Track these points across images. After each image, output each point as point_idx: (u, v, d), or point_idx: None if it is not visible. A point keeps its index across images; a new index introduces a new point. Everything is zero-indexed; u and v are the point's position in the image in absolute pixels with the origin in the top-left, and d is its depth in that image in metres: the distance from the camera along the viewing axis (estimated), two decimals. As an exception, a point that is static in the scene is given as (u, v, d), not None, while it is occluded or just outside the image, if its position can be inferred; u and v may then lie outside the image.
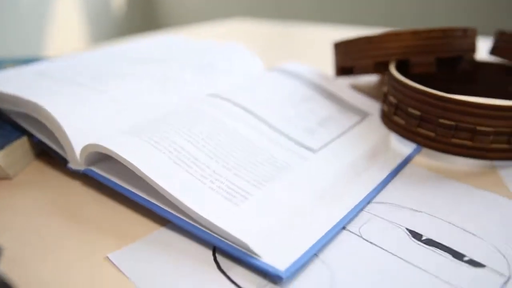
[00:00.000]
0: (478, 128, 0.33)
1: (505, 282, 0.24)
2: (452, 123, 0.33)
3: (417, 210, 0.30)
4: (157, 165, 0.29)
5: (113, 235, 0.28)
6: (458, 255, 0.26)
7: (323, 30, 0.87)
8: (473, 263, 0.25)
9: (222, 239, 0.26)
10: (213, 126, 0.34)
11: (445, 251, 0.26)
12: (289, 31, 0.88)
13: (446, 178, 0.33)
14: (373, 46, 0.41)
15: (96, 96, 0.37)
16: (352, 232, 0.28)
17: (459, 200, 0.31)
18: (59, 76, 0.40)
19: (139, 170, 0.28)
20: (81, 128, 0.34)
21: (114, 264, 0.25)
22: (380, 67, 0.41)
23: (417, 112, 0.35)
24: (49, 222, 0.29)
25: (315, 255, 0.26)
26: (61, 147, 0.34)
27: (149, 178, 0.27)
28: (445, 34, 0.40)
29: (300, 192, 0.29)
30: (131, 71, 0.42)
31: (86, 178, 0.34)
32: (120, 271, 0.25)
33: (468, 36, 0.41)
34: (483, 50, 0.58)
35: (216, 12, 2.26)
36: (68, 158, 0.33)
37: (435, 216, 0.29)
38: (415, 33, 0.39)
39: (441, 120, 0.34)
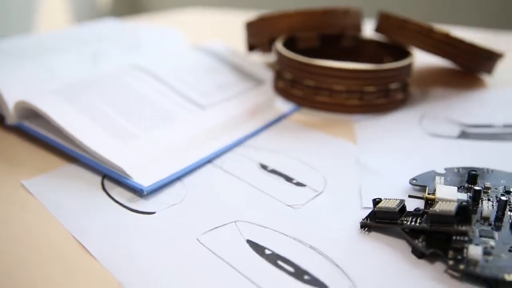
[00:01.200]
0: (334, 87, 0.40)
1: (316, 195, 0.31)
2: (315, 84, 0.41)
3: (277, 152, 0.37)
4: (70, 117, 0.36)
5: (29, 168, 0.35)
6: (289, 179, 0.33)
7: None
8: (299, 184, 0.32)
9: (108, 167, 0.33)
10: (124, 89, 0.41)
11: (281, 177, 0.33)
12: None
13: (310, 129, 0.40)
14: (266, 24, 0.48)
15: (32, 64, 0.44)
16: (216, 165, 0.35)
17: (312, 144, 0.38)
18: (6, 50, 0.47)
19: (53, 120, 0.35)
20: (16, 89, 0.41)
21: (28, 190, 0.32)
22: (273, 44, 0.48)
23: (290, 76, 0.42)
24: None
25: (179, 179, 0.33)
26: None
27: (61, 126, 0.34)
28: (327, 13, 0.46)
29: (180, 136, 0.36)
30: (68, 48, 0.49)
31: (20, 132, 0.41)
32: (32, 195, 0.32)
33: (349, 16, 0.48)
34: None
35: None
36: (4, 114, 0.40)
37: (288, 155, 0.36)
38: (300, 12, 0.46)
39: (306, 82, 0.41)
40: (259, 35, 0.49)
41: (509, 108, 0.43)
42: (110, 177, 0.33)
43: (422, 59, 0.56)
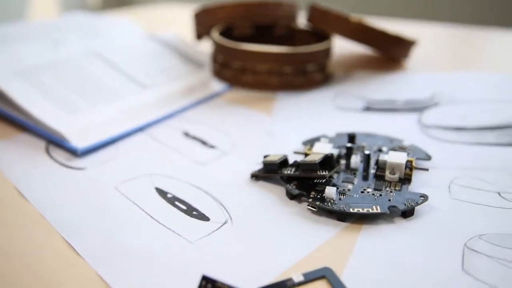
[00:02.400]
0: (257, 68, 0.45)
1: (223, 155, 0.36)
2: (241, 65, 0.46)
3: (202, 123, 0.42)
4: (21, 91, 0.41)
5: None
6: (204, 143, 0.38)
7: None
8: (211, 146, 0.37)
9: (51, 134, 0.38)
10: (76, 70, 0.46)
11: (198, 141, 0.38)
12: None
13: (236, 105, 0.45)
14: (208, 15, 0.53)
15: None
16: (146, 133, 0.40)
17: (233, 117, 0.43)
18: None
19: (5, 93, 0.40)
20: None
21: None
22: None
23: (222, 60, 0.47)
24: None
25: (112, 144, 0.38)
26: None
27: (13, 98, 0.39)
28: (261, 5, 0.52)
29: (119, 110, 0.42)
30: (33, 37, 0.54)
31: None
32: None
33: (282, 8, 0.53)
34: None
35: None
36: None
37: (210, 126, 0.41)
38: (237, 4, 0.51)
39: (234, 64, 0.46)
40: (202, 25, 0.54)
41: (413, 88, 0.49)
42: (53, 142, 0.38)
43: (348, 46, 0.61)
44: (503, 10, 1.39)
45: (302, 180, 0.31)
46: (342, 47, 0.62)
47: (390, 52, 0.52)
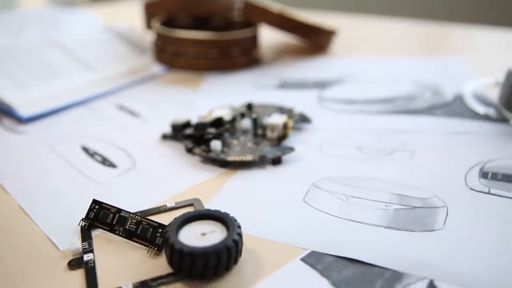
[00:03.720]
0: (187, 52, 0.52)
1: (144, 122, 0.42)
2: (174, 49, 0.52)
3: (135, 98, 0.48)
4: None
5: None
6: (132, 113, 0.44)
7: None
8: (135, 115, 0.44)
9: (1, 105, 0.44)
10: (33, 54, 0.52)
11: (127, 112, 0.45)
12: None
13: (169, 84, 0.52)
14: (153, 6, 0.59)
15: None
16: (86, 107, 0.46)
17: (163, 93, 0.49)
18: None
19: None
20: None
21: None
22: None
23: (160, 45, 0.54)
24: None
25: (55, 114, 0.44)
26: None
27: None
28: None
29: (64, 87, 0.48)
30: (0, 25, 0.60)
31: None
32: None
33: (220, 1, 0.59)
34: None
35: None
36: None
37: (141, 100, 0.47)
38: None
39: (169, 49, 0.52)
40: (149, 15, 0.60)
41: (325, 70, 0.55)
42: (4, 111, 0.45)
43: (280, 36, 0.68)
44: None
45: (198, 137, 0.37)
46: (275, 36, 0.68)
47: (312, 40, 0.59)
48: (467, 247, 0.26)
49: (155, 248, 0.26)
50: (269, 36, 0.66)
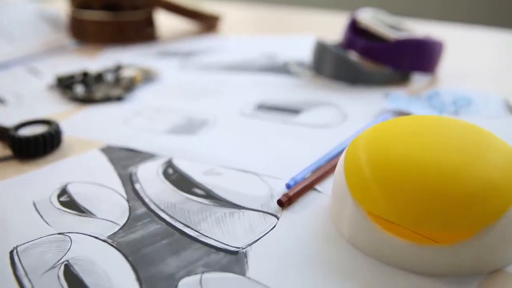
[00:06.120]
0: (90, 28, 0.65)
1: (42, 79, 0.56)
2: (81, 27, 0.66)
3: (42, 63, 0.61)
4: None
5: None
6: (40, 73, 0.58)
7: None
8: (33, 74, 0.57)
9: None
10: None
11: (38, 75, 0.58)
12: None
13: (72, 55, 0.65)
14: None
15: None
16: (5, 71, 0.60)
17: (63, 62, 0.62)
18: None
19: None
20: None
21: None
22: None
23: (69, 23, 0.67)
24: None
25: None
26: None
27: None
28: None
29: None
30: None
31: None
32: None
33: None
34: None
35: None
36: None
37: (44, 65, 0.61)
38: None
39: (76, 26, 0.66)
40: (72, 1, 0.74)
41: (203, 45, 0.68)
42: None
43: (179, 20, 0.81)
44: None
45: (67, 85, 0.51)
46: (175, 20, 0.81)
47: (201, 23, 0.72)
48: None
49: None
50: (171, 20, 0.79)
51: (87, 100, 0.48)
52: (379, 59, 0.51)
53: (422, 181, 0.24)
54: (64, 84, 0.51)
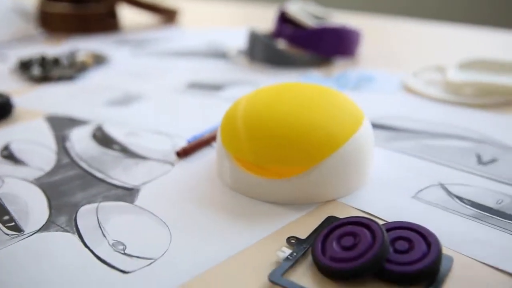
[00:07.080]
0: (56, 20, 0.72)
1: (6, 63, 0.62)
2: (48, 18, 0.72)
3: (14, 51, 0.68)
4: None
5: None
6: (1, 57, 0.64)
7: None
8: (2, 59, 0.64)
9: None
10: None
11: (3, 59, 0.65)
12: None
13: (41, 44, 0.71)
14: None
15: None
16: (-24, 54, 0.66)
17: (31, 50, 0.69)
18: None
19: None
20: None
21: None
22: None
23: (40, 15, 0.74)
24: None
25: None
26: None
27: None
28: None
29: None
30: None
31: None
32: None
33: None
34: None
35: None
36: None
37: (10, 50, 0.67)
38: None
39: (45, 18, 0.72)
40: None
41: (159, 36, 0.75)
42: None
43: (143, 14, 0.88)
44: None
45: (27, 66, 0.57)
46: (139, 14, 0.88)
47: (161, 16, 0.79)
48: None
49: None
50: (135, 14, 0.86)
51: (43, 79, 0.55)
52: (302, 45, 0.58)
53: (272, 129, 0.31)
54: (24, 67, 0.57)
